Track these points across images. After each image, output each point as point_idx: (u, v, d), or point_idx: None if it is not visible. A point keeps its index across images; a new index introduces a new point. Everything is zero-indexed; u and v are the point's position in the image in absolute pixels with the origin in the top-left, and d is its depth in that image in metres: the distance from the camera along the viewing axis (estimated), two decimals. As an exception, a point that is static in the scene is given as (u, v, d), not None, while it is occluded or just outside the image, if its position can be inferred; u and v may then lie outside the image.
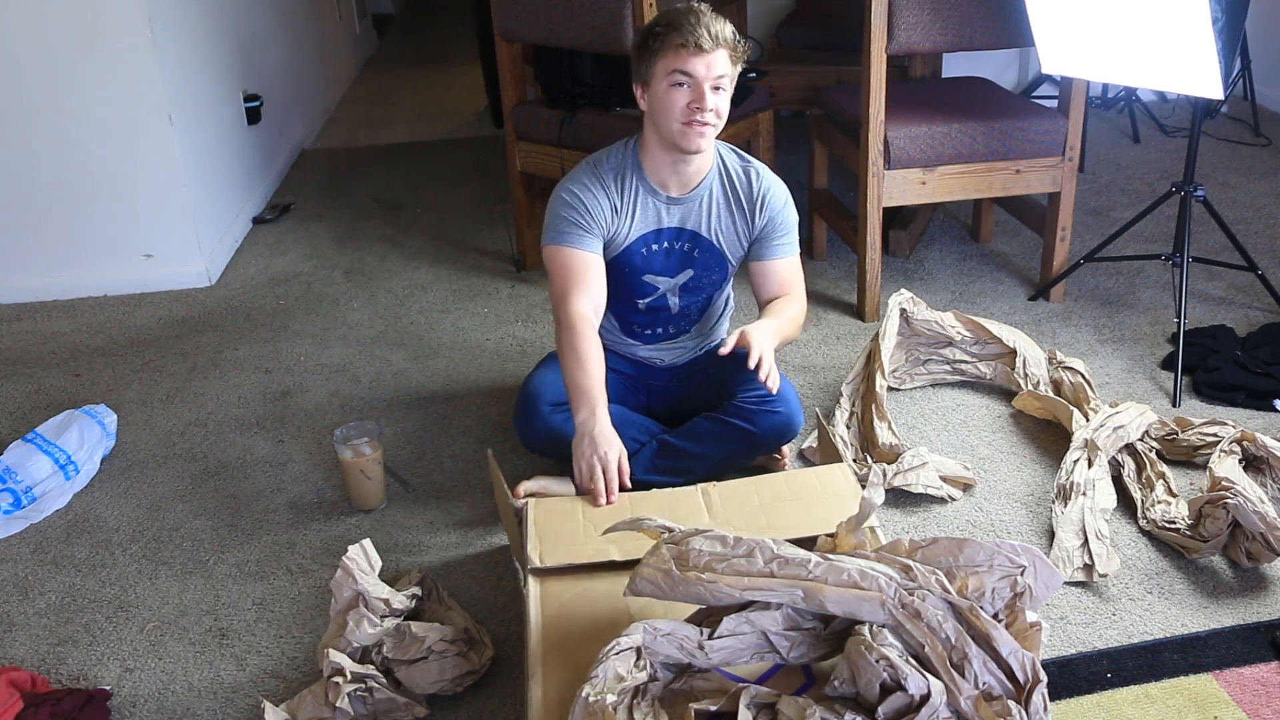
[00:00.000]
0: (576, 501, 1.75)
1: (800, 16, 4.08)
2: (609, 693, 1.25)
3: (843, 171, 3.46)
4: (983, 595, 1.35)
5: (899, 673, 1.25)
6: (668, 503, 1.73)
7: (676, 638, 1.34)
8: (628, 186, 2.01)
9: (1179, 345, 2.39)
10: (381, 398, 2.55)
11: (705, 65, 1.86)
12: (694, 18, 1.87)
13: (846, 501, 1.69)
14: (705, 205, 2.04)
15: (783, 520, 1.65)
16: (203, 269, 3.22)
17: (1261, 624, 1.72)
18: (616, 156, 2.04)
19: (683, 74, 1.87)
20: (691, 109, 1.88)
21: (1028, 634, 1.33)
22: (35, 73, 2.92)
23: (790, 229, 2.08)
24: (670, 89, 1.89)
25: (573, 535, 1.65)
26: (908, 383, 2.45)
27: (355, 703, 1.56)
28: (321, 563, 1.99)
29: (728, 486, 1.76)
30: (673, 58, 1.87)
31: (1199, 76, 2.22)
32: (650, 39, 1.91)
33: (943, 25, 2.57)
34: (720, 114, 1.92)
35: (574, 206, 1.99)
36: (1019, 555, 1.36)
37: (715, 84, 1.88)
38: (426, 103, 5.36)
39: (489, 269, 3.24)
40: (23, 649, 1.82)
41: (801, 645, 1.35)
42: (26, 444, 2.24)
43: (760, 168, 2.07)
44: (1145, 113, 4.19)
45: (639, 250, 2.04)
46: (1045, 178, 2.71)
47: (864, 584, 1.30)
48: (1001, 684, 1.28)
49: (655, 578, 1.36)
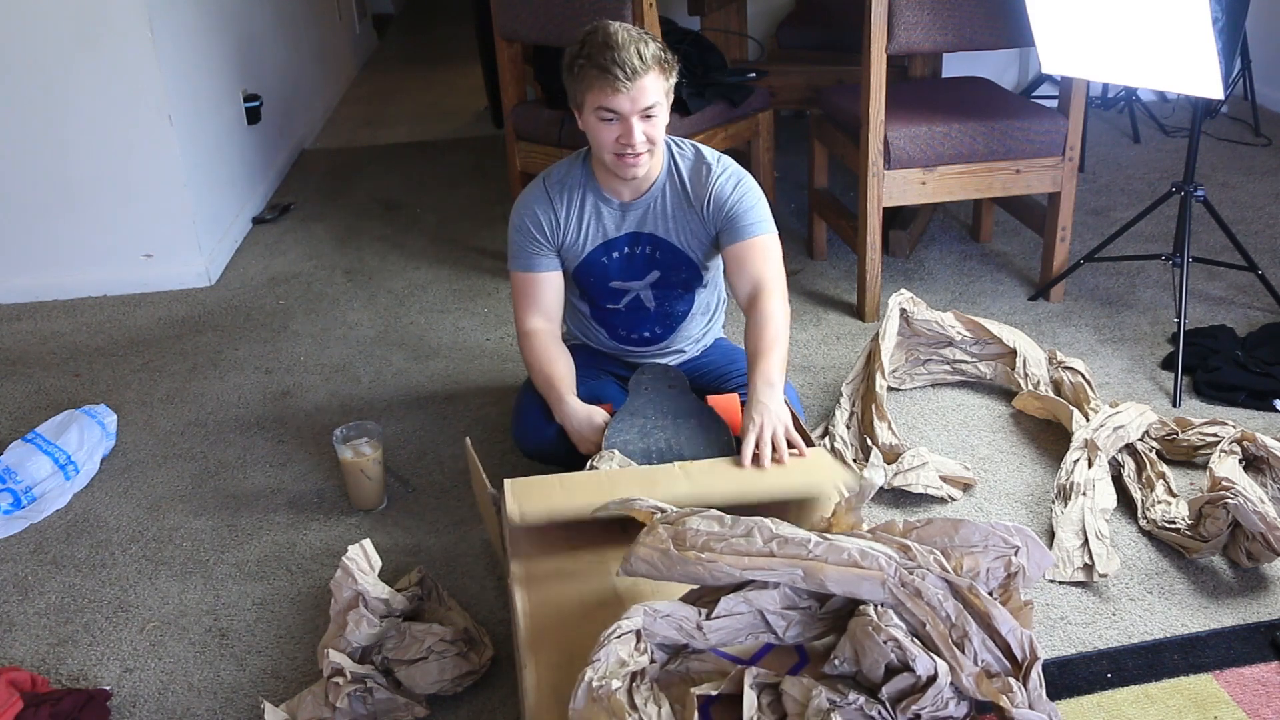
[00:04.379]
0: (554, 478, 1.71)
1: (800, 16, 4.08)
2: (613, 678, 1.25)
3: (843, 171, 3.46)
4: (978, 575, 1.36)
5: (907, 654, 1.26)
6: (646, 475, 1.69)
7: (675, 619, 1.34)
8: (575, 197, 2.01)
9: (1179, 345, 2.39)
10: (381, 398, 2.55)
11: (630, 100, 1.81)
12: (611, 50, 1.79)
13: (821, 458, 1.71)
14: (659, 207, 2.01)
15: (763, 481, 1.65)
16: (203, 269, 3.22)
17: (1261, 624, 1.72)
18: (565, 168, 2.03)
19: (608, 111, 1.83)
20: (621, 144, 1.86)
21: (1022, 612, 1.36)
22: (35, 73, 2.92)
23: (749, 210, 1.98)
24: (599, 123, 1.86)
25: (551, 499, 1.63)
26: (908, 383, 2.45)
27: (355, 703, 1.56)
28: (321, 563, 1.99)
29: (702, 464, 1.73)
30: (597, 94, 1.82)
31: (1199, 76, 2.22)
32: (574, 67, 1.86)
33: (943, 25, 2.57)
34: (654, 138, 1.88)
35: (520, 229, 2.03)
36: (1012, 536, 1.38)
37: (644, 114, 1.84)
38: (426, 103, 5.36)
39: (489, 269, 3.24)
40: (23, 649, 1.82)
41: (797, 625, 1.35)
42: (26, 444, 2.24)
43: (712, 159, 2.00)
44: (1145, 113, 4.19)
45: (599, 259, 2.04)
46: (1045, 178, 2.71)
47: (864, 563, 1.30)
48: (1000, 661, 1.29)
49: (652, 557, 1.35)
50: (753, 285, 1.97)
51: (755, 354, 1.89)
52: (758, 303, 1.95)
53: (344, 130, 4.93)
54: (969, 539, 1.38)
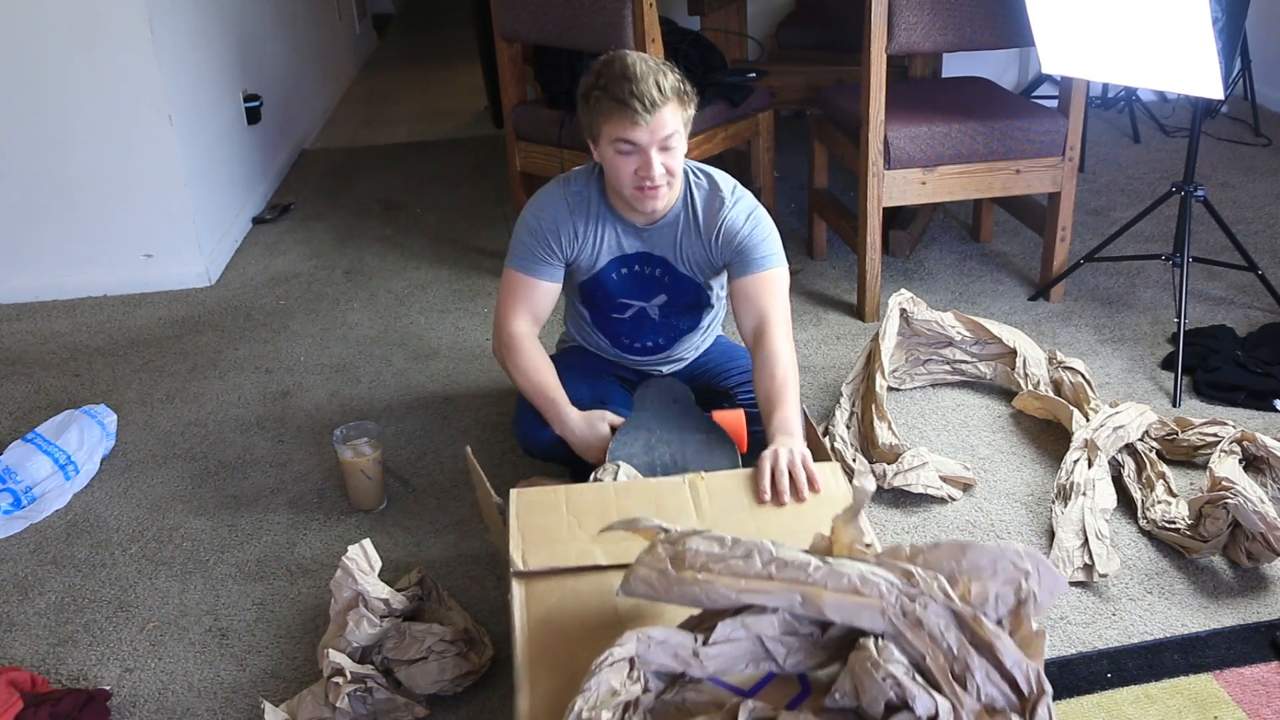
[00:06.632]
0: (560, 491, 1.68)
1: (800, 16, 4.08)
2: (603, 708, 1.20)
3: (843, 171, 3.46)
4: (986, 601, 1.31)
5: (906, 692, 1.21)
6: (653, 495, 1.66)
7: (670, 645, 1.30)
8: (593, 213, 1.97)
9: (1179, 345, 2.39)
10: (381, 398, 2.55)
11: (648, 132, 1.78)
12: (629, 81, 1.75)
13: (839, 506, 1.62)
14: (671, 235, 1.98)
15: (774, 527, 1.60)
16: (203, 269, 3.22)
17: (1261, 624, 1.72)
18: (583, 181, 1.98)
19: (626, 143, 1.80)
20: (640, 176, 1.82)
21: (1032, 641, 1.29)
22: (35, 73, 2.92)
23: (759, 244, 1.94)
24: (617, 155, 1.82)
25: (556, 531, 1.59)
26: (908, 383, 2.45)
27: (355, 703, 1.56)
28: (321, 563, 1.99)
29: (716, 480, 1.69)
30: (615, 125, 1.79)
31: (1199, 76, 2.22)
32: (589, 97, 1.82)
33: (943, 25, 2.57)
34: (673, 170, 1.85)
35: (533, 231, 1.97)
36: (1023, 560, 1.31)
37: (663, 145, 1.81)
38: (426, 103, 5.36)
39: (489, 269, 3.24)
40: (23, 649, 1.82)
41: (798, 652, 1.31)
42: (26, 444, 2.24)
43: (727, 191, 1.97)
44: (1145, 113, 4.19)
45: (610, 274, 2.02)
46: (1045, 178, 2.71)
47: (864, 589, 1.26)
48: (1005, 696, 1.23)
49: (650, 577, 1.32)
50: (756, 321, 1.92)
51: (769, 403, 1.82)
52: (762, 340, 1.89)
53: (344, 130, 4.93)
54: (977, 563, 1.31)
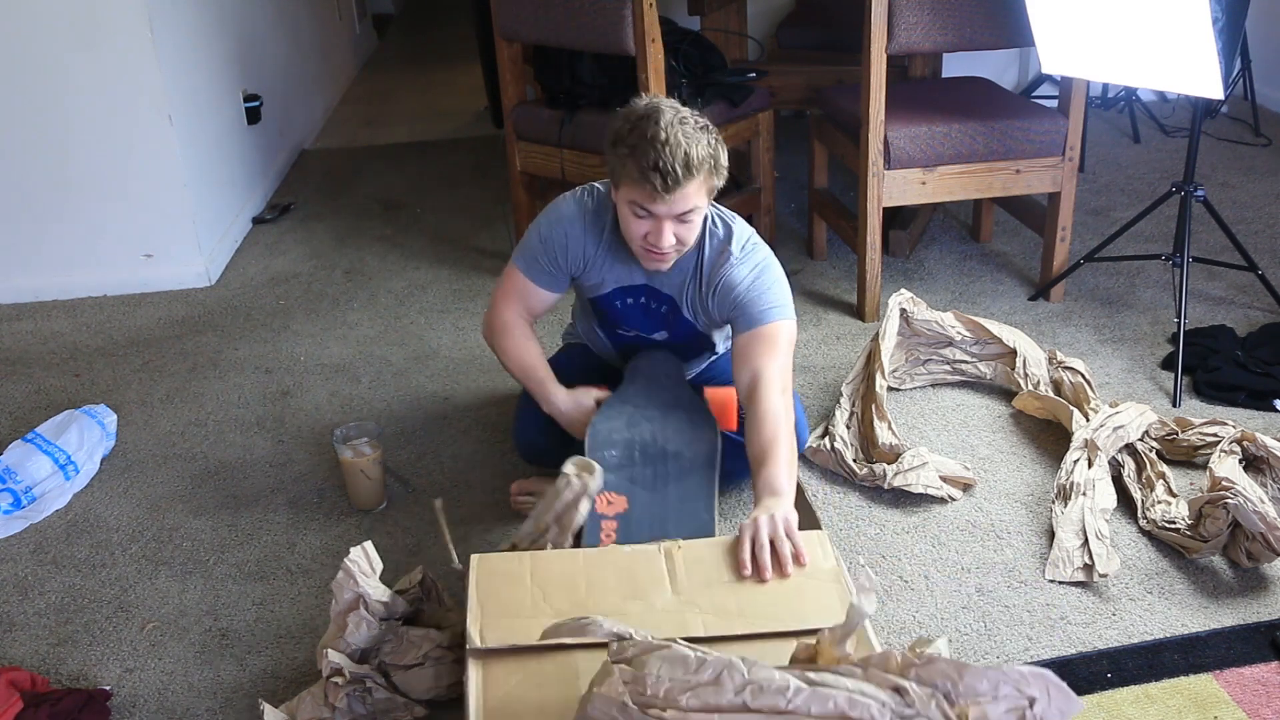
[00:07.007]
0: (525, 559, 1.57)
1: (800, 16, 4.08)
2: None
3: (843, 171, 3.46)
4: None
5: None
6: (626, 565, 1.54)
7: None
8: (605, 241, 1.91)
9: (1179, 345, 2.39)
10: (381, 398, 2.55)
11: (666, 206, 1.70)
12: (658, 150, 1.64)
13: (825, 586, 1.51)
14: (680, 279, 1.92)
15: (756, 606, 1.48)
16: (203, 269, 3.22)
17: (1261, 624, 1.72)
18: (601, 202, 1.91)
19: (642, 208, 1.73)
20: (649, 241, 1.77)
21: None
22: (35, 73, 2.91)
23: (759, 297, 1.85)
24: (631, 215, 1.76)
25: (519, 604, 1.48)
26: (908, 383, 2.45)
27: (354, 703, 1.56)
28: (321, 563, 1.99)
29: (694, 550, 1.57)
30: (633, 190, 1.71)
31: (1199, 76, 2.22)
32: (617, 149, 1.72)
33: (943, 25, 2.57)
34: (685, 240, 1.78)
35: (547, 241, 1.92)
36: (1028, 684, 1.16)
37: (681, 218, 1.74)
38: (426, 103, 5.36)
39: (489, 269, 3.23)
40: (23, 649, 1.82)
41: None
42: (26, 444, 2.24)
43: (737, 245, 1.87)
44: (1145, 113, 4.19)
45: (615, 301, 1.99)
46: (1045, 178, 2.71)
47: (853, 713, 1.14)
48: None
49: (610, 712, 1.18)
50: (751, 377, 1.82)
51: (756, 461, 1.72)
52: (754, 398, 1.80)
53: (344, 130, 4.93)
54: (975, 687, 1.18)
